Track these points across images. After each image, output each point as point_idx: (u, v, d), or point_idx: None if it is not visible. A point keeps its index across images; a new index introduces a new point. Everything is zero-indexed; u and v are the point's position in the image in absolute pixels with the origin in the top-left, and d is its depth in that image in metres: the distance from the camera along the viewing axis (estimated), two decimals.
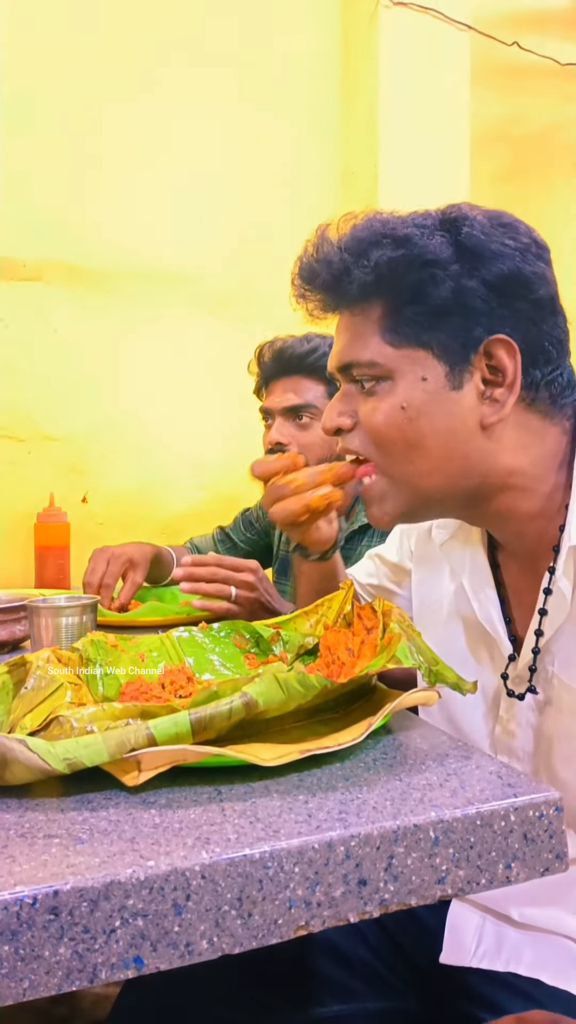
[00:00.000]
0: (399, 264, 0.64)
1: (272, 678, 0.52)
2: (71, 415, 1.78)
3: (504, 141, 2.27)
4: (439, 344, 0.64)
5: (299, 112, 2.00)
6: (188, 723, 0.49)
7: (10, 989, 0.37)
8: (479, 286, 0.63)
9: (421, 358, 0.65)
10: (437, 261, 0.62)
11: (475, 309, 0.63)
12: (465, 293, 0.63)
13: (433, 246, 0.63)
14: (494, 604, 0.73)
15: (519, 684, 0.70)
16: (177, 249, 1.87)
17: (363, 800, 0.47)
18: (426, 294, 0.63)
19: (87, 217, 1.77)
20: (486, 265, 0.63)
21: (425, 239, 0.63)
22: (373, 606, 0.71)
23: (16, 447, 1.74)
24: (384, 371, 0.66)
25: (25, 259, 1.73)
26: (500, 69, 2.18)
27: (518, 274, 0.63)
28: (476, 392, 0.65)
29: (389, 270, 0.64)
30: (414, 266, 0.63)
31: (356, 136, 2.00)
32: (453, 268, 0.63)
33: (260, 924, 0.41)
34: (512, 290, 0.63)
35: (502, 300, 0.63)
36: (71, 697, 0.59)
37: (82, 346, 1.78)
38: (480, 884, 0.46)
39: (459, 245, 0.63)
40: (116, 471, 1.83)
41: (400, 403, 0.65)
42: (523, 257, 0.63)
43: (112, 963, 0.38)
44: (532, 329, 0.64)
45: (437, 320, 0.64)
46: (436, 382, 0.65)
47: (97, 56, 1.77)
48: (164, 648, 0.78)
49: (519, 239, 0.64)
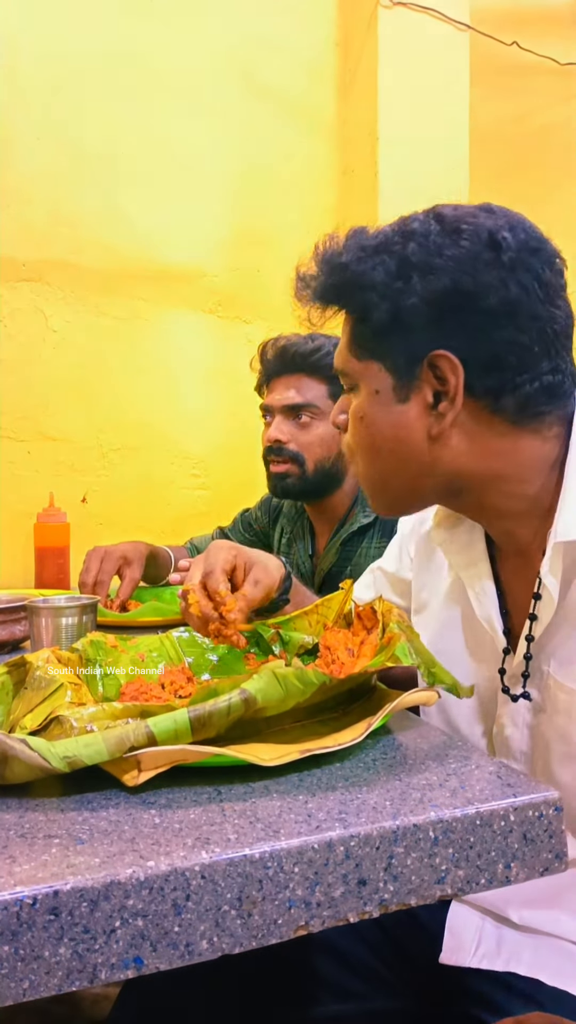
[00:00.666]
0: (337, 290, 0.68)
1: (271, 675, 0.52)
2: (71, 415, 1.78)
3: (503, 140, 2.27)
4: (388, 358, 0.67)
5: (299, 111, 2.00)
6: (187, 720, 0.49)
7: (10, 989, 0.37)
8: (419, 303, 0.63)
9: (375, 371, 0.68)
10: (372, 285, 0.65)
11: (416, 326, 0.64)
12: (404, 312, 0.64)
13: (367, 270, 0.65)
14: (492, 599, 0.73)
15: (515, 683, 0.70)
16: (177, 248, 1.87)
17: (363, 800, 0.47)
18: (368, 315, 0.66)
19: (87, 217, 1.77)
20: (425, 282, 0.63)
21: (361, 264, 0.65)
22: (373, 606, 0.71)
23: (16, 447, 1.74)
24: (351, 381, 0.71)
25: (25, 259, 1.73)
26: (499, 69, 2.18)
27: (457, 288, 0.62)
28: (424, 404, 0.66)
29: (335, 296, 0.69)
30: (352, 291, 0.67)
31: (355, 135, 2.00)
32: (395, 287, 0.64)
33: (260, 924, 0.41)
34: (453, 303, 0.63)
35: (443, 314, 0.63)
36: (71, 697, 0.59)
37: (82, 346, 1.78)
38: (480, 884, 0.46)
39: (403, 261, 0.64)
40: (116, 471, 1.83)
41: (359, 412, 0.70)
42: (468, 267, 0.62)
43: (112, 963, 0.39)
44: (480, 339, 0.63)
45: (383, 336, 0.66)
46: (385, 394, 0.67)
47: (97, 55, 1.77)
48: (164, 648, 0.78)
49: (471, 247, 0.63)
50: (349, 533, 1.29)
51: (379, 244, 0.66)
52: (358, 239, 0.68)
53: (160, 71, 1.84)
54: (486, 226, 0.63)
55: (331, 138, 2.03)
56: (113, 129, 1.80)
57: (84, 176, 1.77)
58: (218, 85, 1.90)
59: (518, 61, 2.19)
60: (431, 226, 0.64)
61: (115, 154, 1.80)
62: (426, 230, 0.64)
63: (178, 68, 1.85)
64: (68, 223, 1.76)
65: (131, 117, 1.81)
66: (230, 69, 1.91)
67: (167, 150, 1.85)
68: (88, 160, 1.77)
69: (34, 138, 1.73)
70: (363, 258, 0.66)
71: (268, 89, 1.95)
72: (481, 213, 0.65)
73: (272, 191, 1.96)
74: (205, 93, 1.89)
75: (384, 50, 1.90)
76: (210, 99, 1.90)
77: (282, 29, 1.97)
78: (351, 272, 0.66)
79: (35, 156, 1.73)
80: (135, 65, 1.81)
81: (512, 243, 0.63)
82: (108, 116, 1.79)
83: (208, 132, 1.90)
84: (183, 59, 1.86)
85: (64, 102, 1.75)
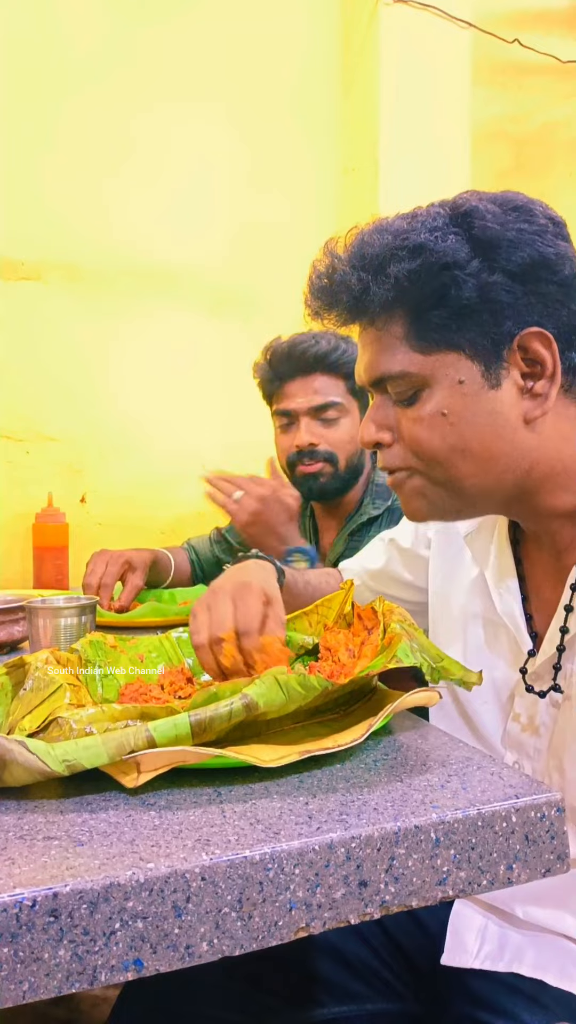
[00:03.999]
0: (419, 274, 0.62)
1: (272, 680, 0.52)
2: (70, 415, 1.78)
3: (505, 138, 2.26)
4: (470, 344, 0.63)
5: (299, 109, 1.99)
6: (188, 725, 0.49)
7: (10, 991, 0.37)
8: (502, 278, 0.61)
9: (454, 361, 0.63)
10: (456, 263, 0.61)
11: (501, 303, 0.61)
12: (488, 289, 0.61)
13: (448, 248, 0.61)
14: (516, 598, 0.72)
15: (538, 680, 0.69)
16: (176, 247, 1.86)
17: (364, 801, 0.47)
18: (449, 297, 0.62)
19: (85, 216, 1.77)
20: (505, 256, 0.61)
21: (439, 243, 0.61)
22: (373, 606, 0.71)
23: (14, 447, 1.74)
24: (418, 380, 0.64)
25: (24, 258, 1.72)
26: (501, 66, 2.18)
27: (539, 258, 0.61)
28: (516, 388, 0.63)
29: (410, 282, 0.62)
30: (433, 272, 0.61)
31: (356, 133, 2.00)
32: (472, 265, 0.61)
33: (260, 926, 0.41)
34: (536, 276, 0.61)
35: (528, 288, 0.61)
36: (70, 698, 0.59)
37: (81, 345, 1.78)
38: (481, 885, 0.46)
39: (474, 240, 0.61)
40: (115, 471, 1.82)
41: (440, 410, 0.64)
42: (542, 239, 0.61)
43: (112, 965, 0.38)
44: (563, 312, 0.62)
45: (464, 321, 0.62)
46: (473, 383, 0.63)
47: (96, 55, 1.77)
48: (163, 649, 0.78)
49: (535, 221, 0.62)
50: (358, 524, 1.30)
51: (444, 224, 0.63)
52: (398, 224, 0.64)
53: (160, 70, 1.83)
54: (536, 202, 0.64)
55: (331, 138, 2.03)
56: (113, 128, 1.79)
57: (83, 175, 1.76)
58: (218, 84, 1.90)
59: (519, 59, 2.19)
60: (487, 204, 0.63)
61: (115, 153, 1.80)
62: (484, 208, 0.62)
63: (178, 68, 1.85)
64: (68, 223, 1.75)
65: (131, 116, 1.81)
66: (231, 68, 1.91)
67: (167, 149, 1.85)
68: (88, 159, 1.77)
69: (34, 137, 1.72)
70: (440, 237, 0.61)
71: (268, 88, 1.95)
72: (520, 194, 0.65)
73: (272, 191, 1.96)
74: (205, 92, 1.88)
75: (385, 48, 1.90)
76: (210, 98, 1.89)
77: (282, 28, 1.96)
78: (432, 252, 0.61)
79: (34, 155, 1.73)
80: (135, 64, 1.81)
81: (561, 219, 0.64)
82: (108, 115, 1.78)
83: (208, 131, 1.89)
84: (183, 59, 1.86)
85: (64, 101, 1.74)
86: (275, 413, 1.33)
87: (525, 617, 0.72)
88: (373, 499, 1.31)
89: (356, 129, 2.00)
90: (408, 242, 0.62)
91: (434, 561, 0.85)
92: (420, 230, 0.63)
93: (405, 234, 0.63)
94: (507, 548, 0.74)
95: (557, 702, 0.68)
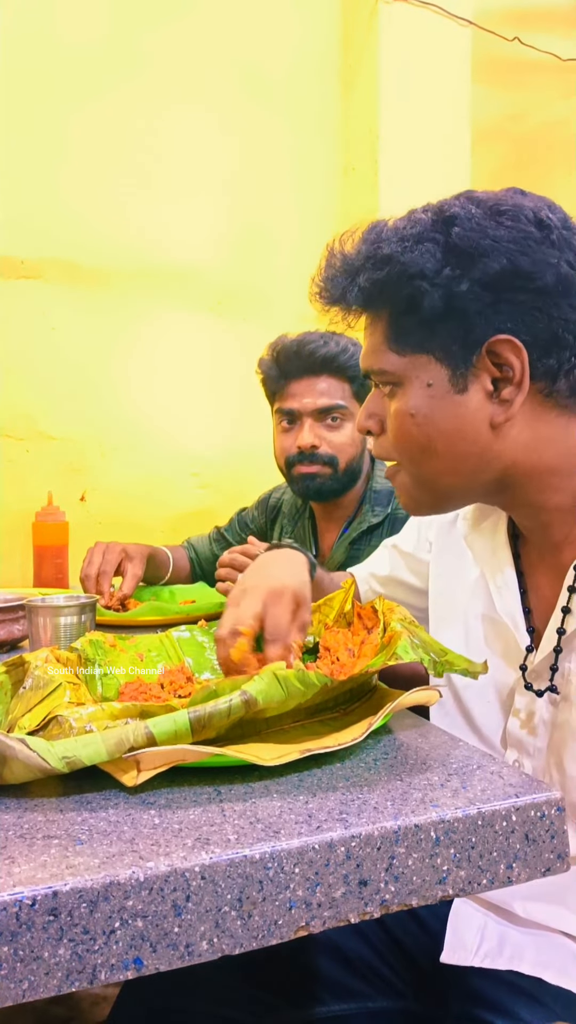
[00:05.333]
0: (386, 283, 0.65)
1: (272, 676, 0.52)
2: (69, 414, 1.77)
3: (505, 137, 2.26)
4: (440, 349, 0.64)
5: (299, 108, 1.99)
6: (187, 722, 0.49)
7: (9, 990, 0.37)
8: (472, 287, 0.62)
9: (424, 364, 0.65)
10: (422, 273, 0.63)
11: (470, 311, 0.62)
12: (457, 298, 0.62)
13: (416, 259, 0.63)
14: (514, 595, 0.72)
15: (537, 679, 0.69)
16: (177, 247, 1.86)
17: (364, 800, 0.47)
18: (418, 305, 0.63)
19: (86, 215, 1.77)
20: (478, 265, 0.61)
21: (407, 253, 0.63)
22: (374, 605, 0.71)
23: (14, 446, 1.74)
24: (394, 378, 0.68)
25: (24, 257, 1.72)
26: (501, 65, 2.17)
27: (513, 268, 0.61)
28: (484, 393, 0.64)
29: (378, 290, 0.66)
30: (400, 282, 0.64)
31: (356, 132, 2.00)
32: (444, 273, 0.62)
33: (260, 925, 0.41)
34: (509, 284, 0.62)
35: (499, 296, 0.62)
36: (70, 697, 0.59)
37: (81, 344, 1.78)
38: (481, 884, 0.46)
39: (450, 247, 0.62)
40: (115, 470, 1.82)
41: (409, 410, 0.66)
42: (519, 247, 0.61)
43: (112, 964, 0.38)
44: (540, 319, 0.62)
45: (434, 327, 0.64)
46: (440, 387, 0.65)
47: (97, 55, 1.77)
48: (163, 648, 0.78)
49: (518, 227, 0.62)
50: (359, 532, 1.29)
51: (420, 232, 0.64)
52: (389, 230, 0.66)
53: (160, 69, 1.83)
54: (527, 206, 0.63)
55: (331, 137, 2.03)
56: (113, 127, 1.79)
57: (84, 175, 1.76)
58: (218, 83, 1.90)
59: (520, 57, 2.19)
60: (471, 209, 0.63)
61: (115, 152, 1.80)
62: (468, 213, 0.63)
63: (178, 66, 1.85)
64: (67, 222, 1.75)
65: (131, 115, 1.81)
66: (230, 67, 1.90)
67: (167, 149, 1.85)
68: (88, 159, 1.77)
69: (34, 137, 1.72)
70: (408, 247, 0.63)
71: (268, 87, 1.95)
72: (516, 195, 0.65)
73: (272, 190, 1.96)
74: (205, 91, 1.88)
75: (385, 47, 1.90)
76: (210, 97, 1.89)
77: (282, 26, 1.96)
78: (398, 263, 0.63)
79: (35, 155, 1.72)
80: (135, 63, 1.81)
81: (556, 222, 0.63)
82: (108, 115, 1.78)
83: (208, 130, 1.89)
84: (183, 57, 1.85)
85: (65, 101, 1.74)
86: (277, 411, 1.32)
87: (524, 612, 0.72)
88: (372, 506, 1.30)
89: (356, 128, 2.00)
90: (378, 252, 0.65)
91: (435, 563, 0.85)
92: (392, 240, 0.65)
93: (379, 243, 0.66)
94: (506, 545, 0.75)
95: (556, 702, 0.68)
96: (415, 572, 0.89)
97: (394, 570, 0.92)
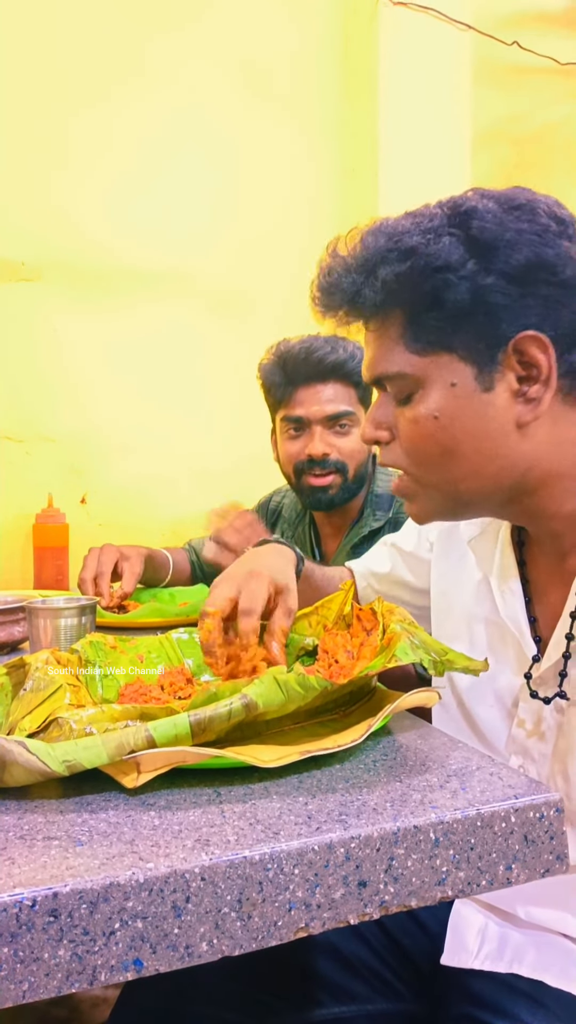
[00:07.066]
0: (409, 276, 0.62)
1: (272, 680, 0.52)
2: (70, 415, 1.78)
3: (504, 140, 2.27)
4: (464, 347, 0.62)
5: (300, 112, 2.00)
6: (187, 725, 0.49)
7: (9, 991, 0.37)
8: (497, 280, 0.60)
9: (447, 363, 0.63)
10: (448, 265, 0.60)
11: (496, 305, 0.60)
12: (483, 291, 0.60)
13: (441, 251, 0.60)
14: (519, 602, 0.71)
15: (542, 686, 0.69)
16: (177, 248, 1.87)
17: (363, 802, 0.47)
18: (442, 300, 0.61)
19: (86, 217, 1.77)
20: (502, 257, 0.60)
21: (431, 245, 0.61)
22: (373, 607, 0.71)
23: (15, 447, 1.74)
24: (413, 381, 0.65)
25: (24, 259, 1.73)
26: (500, 68, 2.18)
27: (538, 260, 0.60)
28: (510, 391, 0.62)
29: (400, 284, 0.62)
30: (425, 275, 0.61)
31: (356, 135, 2.00)
32: (468, 267, 0.60)
33: (260, 926, 0.41)
34: (535, 277, 0.60)
35: (525, 290, 0.60)
36: (70, 699, 0.59)
37: (81, 346, 1.78)
38: (480, 885, 0.46)
39: (471, 241, 0.61)
40: (115, 472, 1.82)
41: (432, 412, 0.64)
42: (542, 239, 0.60)
43: (112, 965, 0.38)
44: (564, 313, 0.61)
45: (458, 323, 0.62)
46: (466, 386, 0.63)
47: (97, 56, 1.77)
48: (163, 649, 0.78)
49: (536, 220, 0.61)
50: (360, 536, 1.29)
51: (439, 226, 0.62)
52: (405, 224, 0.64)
53: (160, 72, 1.84)
54: (541, 201, 0.62)
55: (332, 140, 2.03)
56: (113, 130, 1.80)
57: (84, 177, 1.77)
58: (218, 85, 1.90)
59: (519, 61, 2.20)
60: (487, 203, 0.62)
61: (115, 154, 1.80)
62: (485, 207, 0.61)
63: (178, 68, 1.86)
64: (67, 223, 1.76)
65: (131, 118, 1.81)
66: (231, 71, 1.91)
67: (167, 151, 1.85)
68: (88, 161, 1.77)
69: (34, 138, 1.72)
70: (432, 240, 0.61)
71: (268, 89, 1.95)
72: (526, 191, 0.64)
73: (273, 193, 1.97)
74: (205, 93, 1.89)
75: (385, 50, 1.91)
76: (210, 99, 1.90)
77: (282, 29, 1.97)
78: (423, 255, 0.61)
79: (35, 155, 1.73)
80: (135, 64, 1.81)
81: (569, 217, 0.62)
82: (108, 117, 1.79)
83: (208, 132, 1.90)
84: (183, 59, 1.86)
85: (64, 102, 1.75)
86: (284, 419, 1.30)
87: (529, 620, 0.72)
88: (374, 510, 1.30)
89: (356, 131, 2.00)
90: (400, 244, 0.62)
91: (436, 564, 0.85)
92: (413, 232, 0.62)
93: (398, 236, 0.63)
94: (511, 551, 0.74)
95: (562, 708, 0.67)
96: (415, 571, 0.89)
97: (394, 568, 0.91)
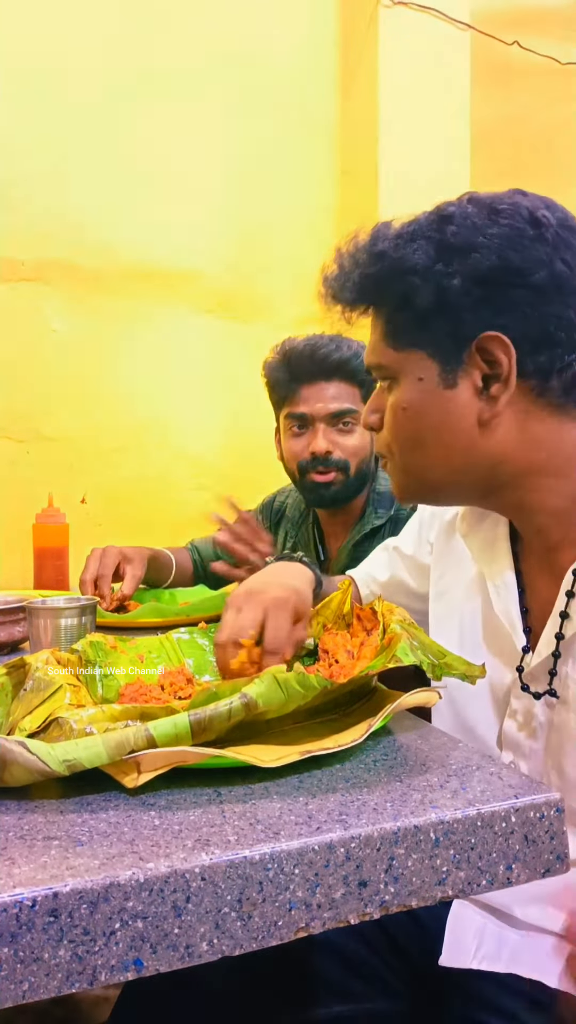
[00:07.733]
0: (377, 279, 0.67)
1: (272, 679, 0.52)
2: (70, 415, 1.78)
3: (504, 140, 2.27)
4: (431, 345, 0.66)
5: (299, 111, 2.00)
6: (188, 724, 0.49)
7: (10, 991, 0.37)
8: (463, 283, 0.63)
9: (417, 359, 0.67)
10: (413, 269, 0.64)
11: (461, 307, 0.64)
12: (448, 293, 0.63)
13: (408, 255, 0.64)
14: (512, 595, 0.72)
15: (534, 681, 0.69)
16: (176, 249, 1.87)
17: (363, 801, 0.47)
18: (410, 300, 0.65)
19: (86, 217, 1.77)
20: (469, 261, 0.62)
21: (400, 250, 0.65)
22: (373, 607, 0.71)
23: (15, 447, 1.74)
24: (390, 373, 0.70)
25: (24, 259, 1.73)
26: (500, 68, 2.18)
27: (504, 264, 0.62)
28: (473, 389, 0.65)
29: (371, 286, 0.68)
30: (393, 278, 0.66)
31: (356, 135, 2.00)
32: (436, 269, 0.63)
33: (260, 926, 0.41)
34: (500, 280, 0.62)
35: (490, 293, 0.63)
36: (70, 699, 0.59)
37: (81, 346, 1.78)
38: (481, 885, 0.46)
39: (443, 245, 0.64)
40: (115, 471, 1.82)
41: (402, 404, 0.68)
42: (512, 243, 0.62)
43: (112, 965, 0.38)
44: (531, 316, 0.63)
45: (426, 323, 0.66)
46: (431, 382, 0.67)
47: (96, 56, 1.77)
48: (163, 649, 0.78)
49: (513, 225, 0.63)
50: (362, 535, 1.29)
51: (415, 230, 0.66)
52: (390, 229, 0.68)
53: (159, 70, 1.84)
54: (524, 205, 0.64)
55: (331, 138, 2.03)
56: (113, 128, 1.80)
57: (84, 176, 1.77)
58: (218, 84, 1.90)
59: (519, 61, 2.20)
60: (468, 209, 0.65)
61: (115, 154, 1.80)
62: (464, 212, 0.64)
63: (177, 67, 1.86)
64: (68, 223, 1.76)
65: (131, 116, 1.81)
66: (230, 68, 1.91)
67: (167, 151, 1.85)
68: (88, 160, 1.77)
69: (34, 137, 1.72)
70: (400, 244, 0.66)
71: (268, 89, 1.95)
72: (516, 195, 0.66)
73: (272, 191, 1.96)
74: (205, 92, 1.89)
75: (384, 50, 1.91)
76: (210, 98, 1.90)
77: (282, 29, 1.97)
78: (391, 259, 0.66)
79: (35, 155, 1.73)
80: (134, 64, 1.81)
81: (552, 220, 0.63)
82: (108, 115, 1.79)
83: (208, 131, 1.90)
84: (183, 58, 1.86)
85: (64, 101, 1.75)
86: (288, 416, 1.30)
87: (521, 612, 0.72)
88: (376, 508, 1.30)
89: (356, 131, 2.00)
90: (373, 248, 0.67)
91: (435, 565, 0.85)
92: (388, 237, 0.67)
93: (375, 240, 0.67)
94: (505, 544, 0.75)
95: (553, 704, 0.68)
96: (416, 575, 0.89)
97: (395, 573, 0.92)
